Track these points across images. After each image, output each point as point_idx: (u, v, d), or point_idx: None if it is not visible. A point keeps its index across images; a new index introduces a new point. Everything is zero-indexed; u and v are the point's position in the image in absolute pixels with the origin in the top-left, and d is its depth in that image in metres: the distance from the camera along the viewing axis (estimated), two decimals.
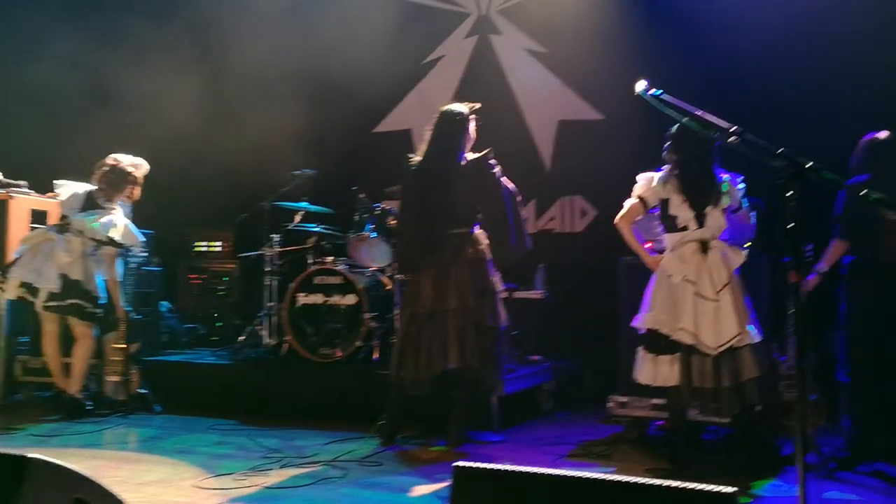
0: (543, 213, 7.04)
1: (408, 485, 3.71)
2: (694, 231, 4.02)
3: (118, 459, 4.14)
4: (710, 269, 3.96)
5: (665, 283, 4.04)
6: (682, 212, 4.04)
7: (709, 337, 3.89)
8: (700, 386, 3.94)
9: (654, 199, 4.13)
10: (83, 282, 5.21)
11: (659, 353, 4.03)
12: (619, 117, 6.58)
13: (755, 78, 5.89)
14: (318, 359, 5.59)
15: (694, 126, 3.75)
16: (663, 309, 4.00)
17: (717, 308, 3.90)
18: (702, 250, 3.99)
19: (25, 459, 1.96)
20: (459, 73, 7.37)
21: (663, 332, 3.99)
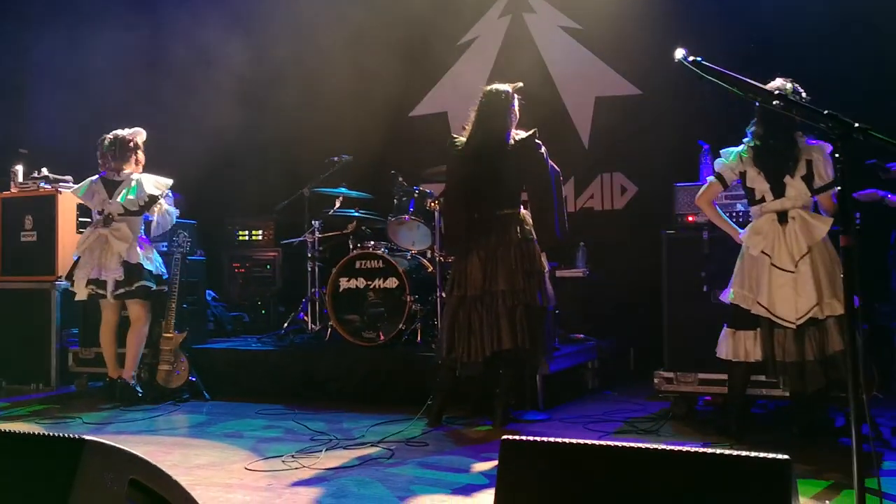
0: (582, 191, 6.98)
1: (455, 464, 3.72)
2: (771, 202, 3.95)
3: (170, 444, 4.23)
4: (787, 240, 3.87)
5: (746, 256, 3.99)
6: (758, 183, 3.98)
7: (786, 310, 3.82)
8: (783, 360, 3.87)
9: (732, 174, 4.07)
10: (143, 263, 5.34)
11: (740, 329, 4.00)
12: (657, 92, 6.49)
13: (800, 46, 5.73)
14: (362, 342, 5.63)
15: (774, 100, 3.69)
16: (743, 283, 3.96)
17: (794, 279, 3.82)
18: (780, 220, 3.91)
19: (82, 442, 2.00)
20: (494, 53, 7.32)
21: (744, 306, 3.95)
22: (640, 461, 1.72)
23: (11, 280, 6.21)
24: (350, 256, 5.81)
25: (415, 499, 3.18)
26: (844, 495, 3.13)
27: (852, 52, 5.59)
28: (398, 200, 5.91)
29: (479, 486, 3.34)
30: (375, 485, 3.37)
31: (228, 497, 3.20)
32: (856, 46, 5.59)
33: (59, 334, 6.00)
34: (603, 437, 4.19)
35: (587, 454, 1.78)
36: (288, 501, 3.15)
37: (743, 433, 4.02)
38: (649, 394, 4.94)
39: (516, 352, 4.34)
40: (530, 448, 1.80)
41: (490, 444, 4.05)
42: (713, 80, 2.33)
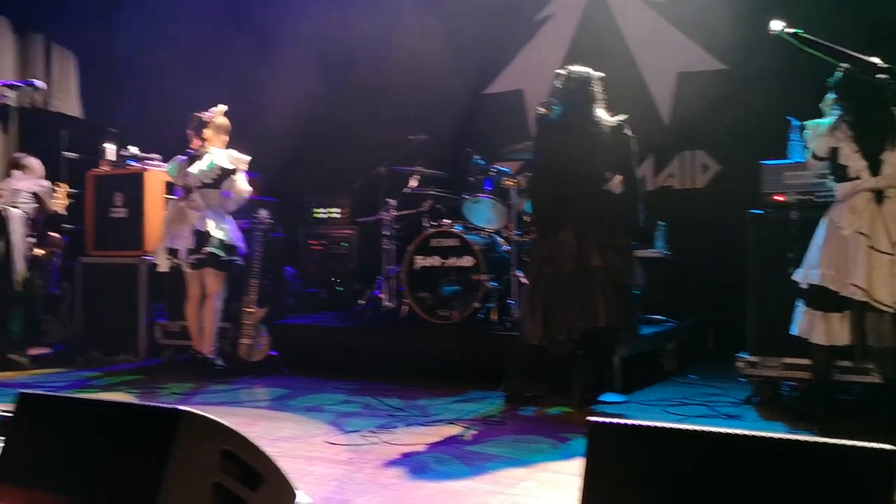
0: (662, 169, 6.84)
1: (533, 444, 3.72)
2: (867, 180, 3.78)
3: (254, 416, 4.34)
4: (885, 221, 3.72)
5: (834, 235, 3.83)
6: (854, 161, 3.80)
7: (884, 293, 3.67)
8: (876, 346, 3.74)
9: (822, 149, 3.90)
10: (213, 231, 5.46)
11: (828, 311, 3.84)
12: (743, 66, 6.30)
13: None
14: (436, 320, 5.66)
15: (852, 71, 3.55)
16: (831, 264, 3.80)
17: (892, 262, 3.68)
18: (876, 200, 3.76)
19: (178, 412, 2.08)
20: (571, 29, 7.20)
21: (832, 288, 3.79)
22: (733, 447, 1.68)
23: (102, 255, 6.45)
24: (425, 234, 5.83)
25: (493, 477, 3.19)
26: None
27: None
28: (473, 179, 5.91)
29: (557, 466, 3.33)
30: (454, 462, 3.40)
31: (311, 469, 3.27)
32: None
33: (148, 308, 6.22)
34: (684, 421, 4.12)
35: (678, 438, 1.75)
36: (369, 475, 3.21)
37: (828, 419, 3.90)
38: (730, 377, 4.83)
39: (604, 330, 4.30)
40: (620, 431, 1.78)
41: (568, 424, 4.03)
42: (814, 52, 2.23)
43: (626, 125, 4.44)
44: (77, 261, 6.52)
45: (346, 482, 3.11)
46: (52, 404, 2.40)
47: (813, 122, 3.96)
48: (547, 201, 4.47)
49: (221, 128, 5.65)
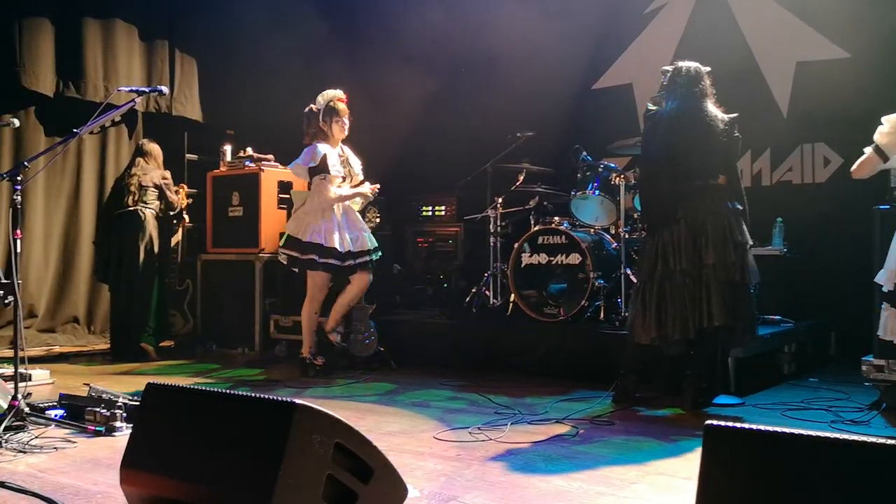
0: (780, 163, 6.57)
1: (644, 445, 3.64)
2: None
3: (363, 411, 4.43)
4: None
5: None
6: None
7: None
8: None
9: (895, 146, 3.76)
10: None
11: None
12: (867, 54, 5.97)
13: None
14: (543, 318, 5.63)
15: None
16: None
17: None
18: None
19: (294, 405, 2.14)
20: (684, 20, 7.00)
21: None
22: (861, 455, 1.59)
23: (221, 252, 6.74)
24: (532, 232, 5.81)
25: (602, 478, 3.14)
26: None
27: None
28: (581, 175, 5.83)
29: (668, 468, 3.25)
30: (562, 461, 3.37)
31: (420, 464, 3.31)
32: None
33: (263, 303, 6.45)
34: (805, 427, 3.94)
35: (800, 444, 1.68)
36: (477, 472, 3.22)
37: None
38: (853, 381, 4.60)
39: (721, 330, 4.17)
40: (738, 435, 1.72)
41: (680, 427, 3.92)
42: None
43: (736, 124, 4.29)
44: (197, 257, 6.84)
45: (454, 478, 3.13)
46: (176, 395, 2.52)
47: (890, 116, 3.80)
48: (660, 198, 4.35)
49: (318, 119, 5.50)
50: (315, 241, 5.31)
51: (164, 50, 7.71)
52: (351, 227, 5.47)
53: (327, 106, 5.43)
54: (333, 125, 5.43)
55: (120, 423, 3.77)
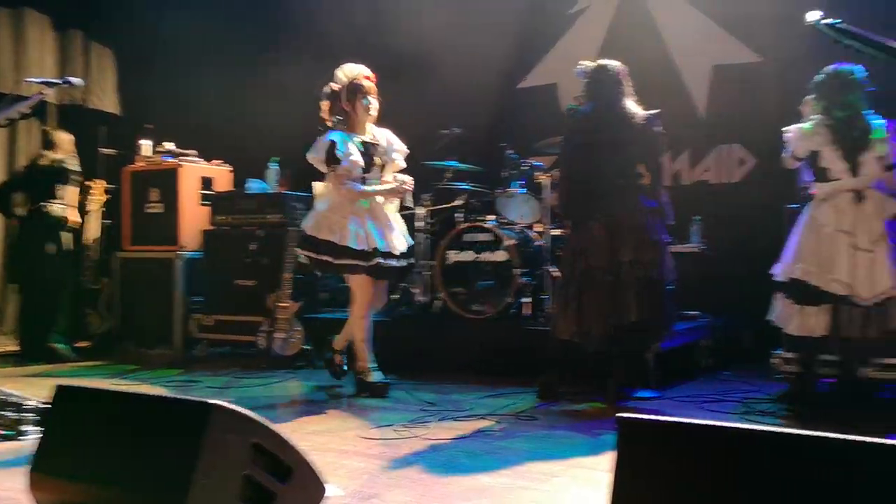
0: (698, 163, 6.75)
1: (565, 440, 3.69)
2: (848, 181, 3.95)
3: (286, 410, 4.37)
4: (865, 220, 3.91)
5: (816, 233, 4.01)
6: (835, 163, 3.97)
7: (864, 288, 3.86)
8: (849, 337, 3.93)
9: (803, 151, 4.08)
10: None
11: (806, 304, 4.02)
12: (779, 58, 6.18)
13: None
14: (470, 315, 5.65)
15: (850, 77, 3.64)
16: (813, 260, 3.97)
17: (872, 259, 3.86)
18: (856, 200, 3.94)
19: (209, 405, 2.09)
20: (606, 22, 7.13)
21: (812, 283, 3.96)
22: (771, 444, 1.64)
23: (139, 249, 6.55)
24: (459, 229, 5.82)
25: (525, 473, 3.17)
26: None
27: None
28: (507, 173, 5.88)
29: (590, 462, 3.30)
30: (485, 457, 3.39)
31: (343, 463, 3.28)
32: None
33: (183, 302, 6.30)
34: (719, 418, 4.07)
35: (712, 435, 1.72)
36: (400, 469, 3.21)
37: (807, 408, 4.09)
38: (765, 374, 4.77)
39: (637, 326, 4.26)
40: (651, 427, 1.75)
41: (602, 421, 3.99)
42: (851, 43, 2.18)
43: (658, 120, 4.39)
44: (114, 255, 6.63)
45: (377, 476, 3.12)
46: (88, 396, 2.44)
47: (796, 125, 4.12)
48: (579, 195, 4.42)
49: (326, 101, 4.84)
50: (328, 239, 4.61)
51: (78, 41, 7.44)
52: (377, 222, 4.68)
53: (351, 84, 4.72)
54: (358, 106, 4.72)
55: (29, 426, 3.63)
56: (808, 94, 4.18)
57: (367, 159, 4.68)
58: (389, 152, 4.83)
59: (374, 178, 4.72)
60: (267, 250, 6.07)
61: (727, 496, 1.65)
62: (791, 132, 4.13)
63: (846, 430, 1.59)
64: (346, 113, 4.73)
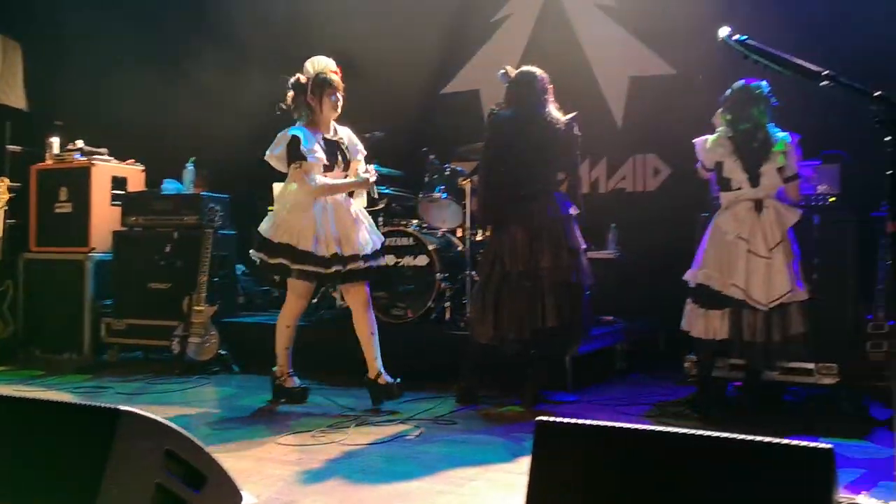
0: (615, 171, 6.91)
1: (484, 443, 3.72)
2: (747, 191, 4.13)
3: (201, 416, 4.27)
4: (763, 228, 4.08)
5: (719, 239, 4.18)
6: (736, 173, 4.15)
7: (760, 293, 4.03)
8: (751, 340, 4.08)
9: (709, 162, 4.25)
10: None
11: (710, 308, 4.18)
12: (693, 71, 6.38)
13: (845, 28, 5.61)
14: (391, 320, 5.64)
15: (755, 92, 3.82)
16: (715, 265, 4.15)
17: (768, 265, 4.03)
18: (756, 209, 4.10)
19: (118, 411, 2.03)
20: (528, 30, 7.23)
21: (714, 287, 4.13)
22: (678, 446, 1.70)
23: (46, 251, 6.29)
24: None
25: (443, 477, 3.18)
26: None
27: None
28: (429, 178, 5.89)
29: (508, 466, 3.33)
30: (404, 462, 3.38)
31: (259, 470, 3.23)
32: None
33: (93, 305, 6.08)
34: (634, 420, 4.17)
35: (623, 437, 1.76)
36: (317, 475, 3.17)
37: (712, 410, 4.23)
38: (679, 377, 4.90)
39: (555, 331, 4.32)
40: (566, 430, 1.78)
41: (519, 424, 4.04)
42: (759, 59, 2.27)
43: (575, 124, 4.46)
44: (19, 256, 6.35)
45: (293, 483, 3.07)
46: None
47: (700, 138, 4.30)
48: (497, 200, 4.45)
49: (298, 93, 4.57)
50: (285, 242, 4.36)
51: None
52: (339, 224, 4.43)
53: (318, 77, 4.46)
54: (324, 100, 4.45)
55: None
56: (719, 107, 4.33)
57: (330, 158, 4.43)
58: (352, 151, 4.61)
59: (336, 179, 4.47)
60: (182, 252, 5.92)
61: (639, 496, 1.69)
62: (698, 143, 4.30)
63: (751, 432, 1.66)
64: (310, 107, 4.47)
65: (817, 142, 4.78)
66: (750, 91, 4.17)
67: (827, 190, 4.59)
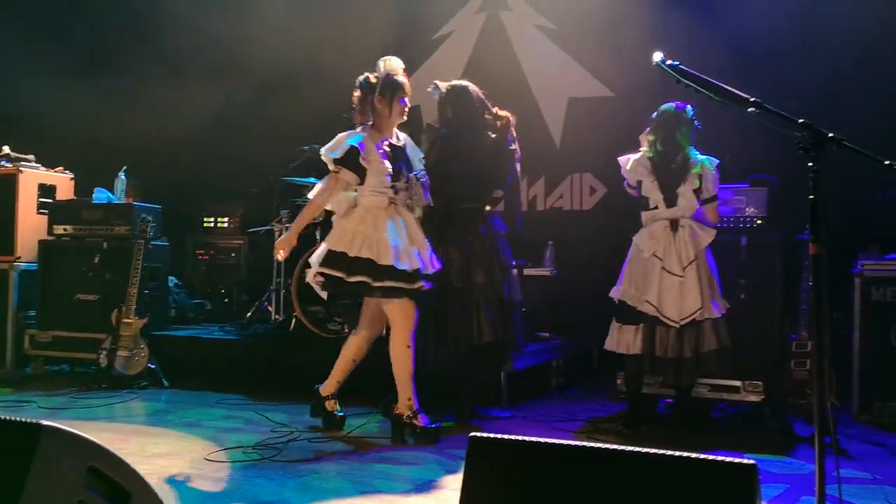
0: (552, 190, 7.01)
1: (417, 459, 3.71)
2: (664, 211, 4.26)
3: (127, 432, 4.15)
4: (678, 247, 4.20)
5: (636, 257, 4.32)
6: (654, 193, 4.29)
7: (672, 310, 4.15)
8: (662, 356, 4.21)
9: (632, 181, 4.39)
10: None
11: (625, 323, 4.31)
12: (629, 94, 6.52)
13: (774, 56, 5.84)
14: (326, 334, 5.58)
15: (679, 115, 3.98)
16: (632, 282, 4.29)
17: (682, 283, 4.16)
18: (672, 228, 4.24)
19: (39, 427, 1.95)
20: (469, 49, 7.30)
21: (629, 303, 4.26)
22: (608, 462, 1.72)
23: None
24: (317, 247, 5.74)
25: (377, 494, 3.16)
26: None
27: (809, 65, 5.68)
28: None
29: (442, 482, 3.33)
30: (337, 479, 3.35)
31: (187, 487, 3.15)
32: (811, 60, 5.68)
33: (17, 316, 5.86)
34: (567, 436, 4.21)
35: (556, 453, 1.78)
36: (247, 493, 3.11)
37: (642, 426, 4.34)
38: (612, 394, 4.98)
39: (489, 346, 4.34)
40: (498, 446, 1.79)
41: (453, 439, 4.03)
42: (690, 84, 2.34)
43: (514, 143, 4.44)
44: None
45: (222, 501, 3.01)
46: None
47: (625, 156, 4.44)
48: (434, 218, 4.44)
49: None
50: (365, 256, 3.93)
51: None
52: (412, 238, 4.07)
53: (389, 78, 4.13)
54: (394, 104, 4.12)
55: None
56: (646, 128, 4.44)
57: (396, 165, 4.10)
58: (413, 157, 4.28)
59: (402, 186, 4.15)
60: (112, 263, 5.77)
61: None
62: (621, 162, 4.42)
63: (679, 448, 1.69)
64: (376, 110, 4.13)
65: (747, 166, 4.95)
66: (674, 114, 4.29)
67: (755, 213, 4.74)
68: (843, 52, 5.55)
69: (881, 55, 5.53)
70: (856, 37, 5.45)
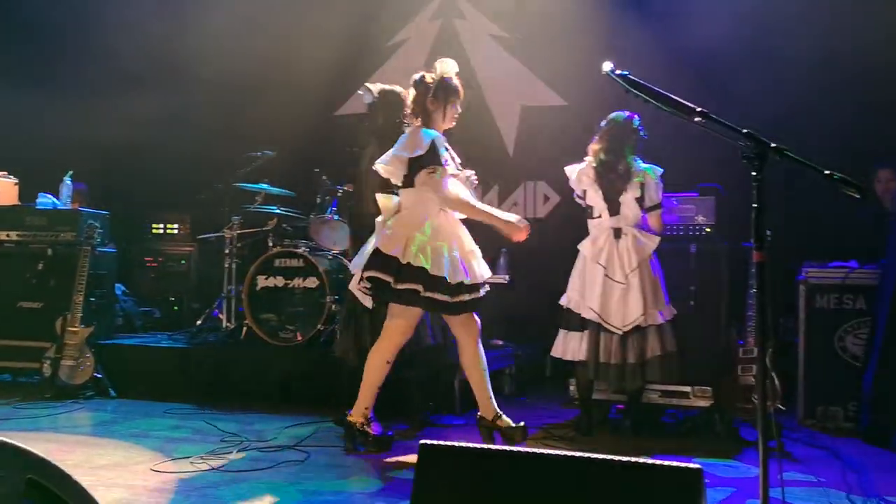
0: (506, 198, 7.05)
1: (369, 467, 3.68)
2: (608, 219, 4.31)
3: (72, 443, 4.05)
4: (621, 254, 4.26)
5: (581, 265, 4.38)
6: (597, 202, 4.34)
7: (615, 317, 4.21)
8: (606, 362, 4.25)
9: (578, 189, 4.44)
10: None
11: (570, 330, 4.36)
12: (582, 103, 6.59)
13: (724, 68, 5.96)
14: (278, 342, 5.53)
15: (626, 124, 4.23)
16: (576, 288, 4.36)
17: (624, 290, 4.21)
18: (615, 236, 4.30)
19: None
20: (423, 56, 7.29)
21: (575, 310, 4.32)
22: (558, 467, 1.73)
23: None
24: (269, 254, 5.70)
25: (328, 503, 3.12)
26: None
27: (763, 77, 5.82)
28: (321, 199, 5.84)
29: (393, 491, 3.31)
30: (287, 488, 3.31)
31: (132, 499, 3.08)
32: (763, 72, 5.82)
33: None
34: (519, 443, 4.21)
35: (505, 460, 1.78)
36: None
37: (594, 432, 4.40)
38: (564, 400, 5.01)
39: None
40: (448, 453, 1.79)
41: (405, 445, 4.02)
42: (639, 93, 2.37)
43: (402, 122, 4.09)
44: None
45: None
46: None
47: (569, 167, 4.49)
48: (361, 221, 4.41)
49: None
50: (418, 265, 3.73)
51: None
52: (462, 248, 3.91)
53: (445, 80, 3.93)
54: (448, 108, 3.92)
55: None
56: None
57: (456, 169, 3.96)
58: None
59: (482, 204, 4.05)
60: (56, 270, 5.63)
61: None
62: (568, 171, 4.47)
63: (630, 453, 1.71)
64: (428, 112, 3.91)
65: (695, 175, 5.03)
66: (620, 123, 4.35)
67: (703, 221, 4.82)
68: (797, 62, 5.68)
69: (839, 65, 5.64)
70: (809, 45, 5.58)
